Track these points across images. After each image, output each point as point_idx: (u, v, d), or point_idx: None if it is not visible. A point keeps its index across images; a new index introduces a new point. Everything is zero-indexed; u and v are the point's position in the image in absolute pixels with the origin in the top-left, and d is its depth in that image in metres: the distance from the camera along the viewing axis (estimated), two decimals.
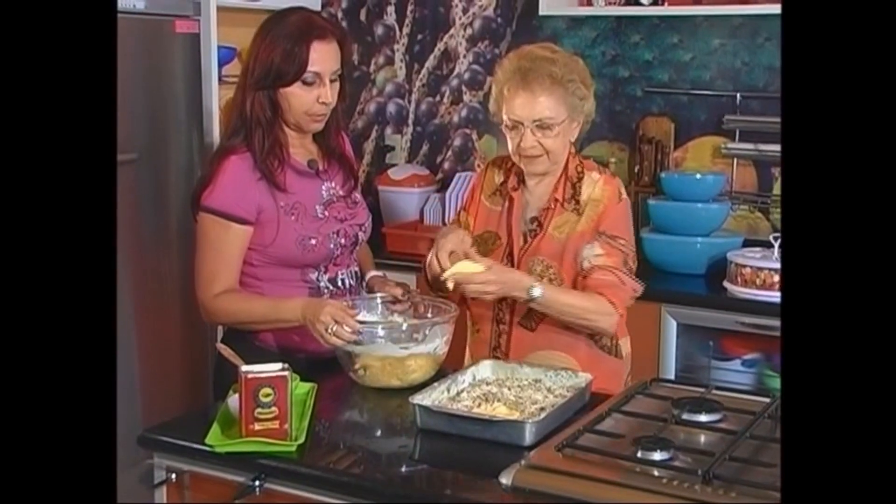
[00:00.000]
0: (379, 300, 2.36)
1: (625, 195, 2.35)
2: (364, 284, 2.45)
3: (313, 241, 2.28)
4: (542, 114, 2.23)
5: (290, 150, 2.32)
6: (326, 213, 2.33)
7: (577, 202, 2.31)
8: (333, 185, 2.38)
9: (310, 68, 2.23)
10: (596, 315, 2.26)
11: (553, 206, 2.33)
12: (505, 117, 2.29)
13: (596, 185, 2.33)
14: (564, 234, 2.30)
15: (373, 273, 2.47)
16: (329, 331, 2.10)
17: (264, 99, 2.26)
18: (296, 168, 2.31)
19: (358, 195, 2.44)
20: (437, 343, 2.19)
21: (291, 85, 2.24)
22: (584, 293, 2.27)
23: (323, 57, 2.25)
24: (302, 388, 2.07)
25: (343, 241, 2.34)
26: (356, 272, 2.43)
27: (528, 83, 2.24)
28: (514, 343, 2.34)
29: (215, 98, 3.43)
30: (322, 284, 2.33)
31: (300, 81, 2.24)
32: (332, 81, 2.27)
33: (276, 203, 2.26)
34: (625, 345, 2.41)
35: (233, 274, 2.27)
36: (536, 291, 2.20)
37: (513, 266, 2.32)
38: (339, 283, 2.36)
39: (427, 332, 2.21)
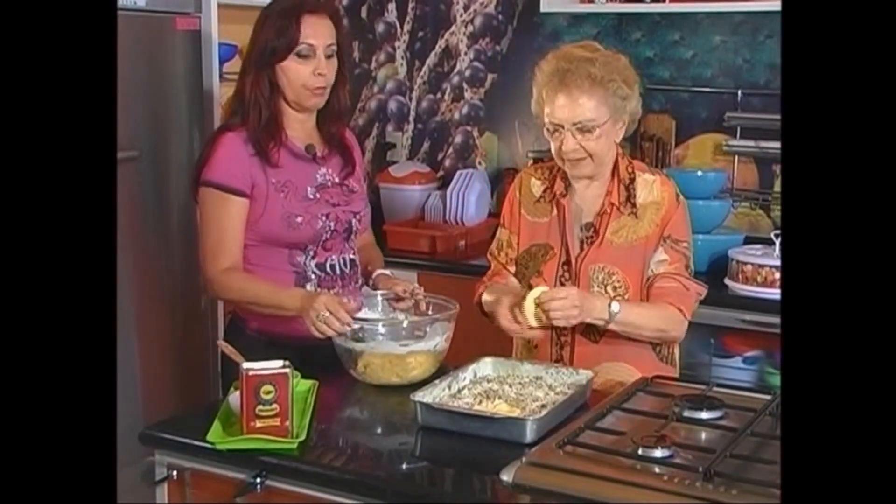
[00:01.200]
0: (380, 297, 2.36)
1: (682, 196, 2.31)
2: (370, 282, 2.45)
3: (299, 220, 2.29)
4: (582, 116, 2.16)
5: (290, 133, 2.35)
6: (318, 196, 2.34)
7: (634, 205, 2.25)
8: (329, 171, 2.39)
9: (302, 40, 2.27)
10: (669, 325, 2.24)
11: (609, 211, 2.26)
12: (546, 120, 2.22)
13: (653, 188, 2.27)
14: (623, 239, 2.25)
15: (380, 271, 2.46)
16: (319, 318, 2.09)
17: (263, 78, 2.30)
18: (292, 150, 2.34)
19: (356, 185, 2.44)
20: (438, 340, 2.19)
21: (286, 59, 2.28)
22: (655, 305, 2.23)
23: (315, 30, 2.29)
24: (303, 386, 2.07)
25: (333, 224, 2.34)
26: (351, 259, 2.42)
27: (567, 85, 2.16)
28: (578, 356, 2.27)
29: (216, 95, 3.43)
30: (310, 270, 2.34)
31: (295, 55, 2.28)
32: (327, 57, 2.31)
33: (268, 179, 2.28)
34: (676, 352, 2.38)
35: (236, 247, 2.28)
36: (616, 307, 2.15)
37: (571, 275, 2.27)
38: (329, 269, 2.36)
39: (427, 329, 2.21)
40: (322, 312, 2.09)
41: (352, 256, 2.43)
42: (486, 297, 2.34)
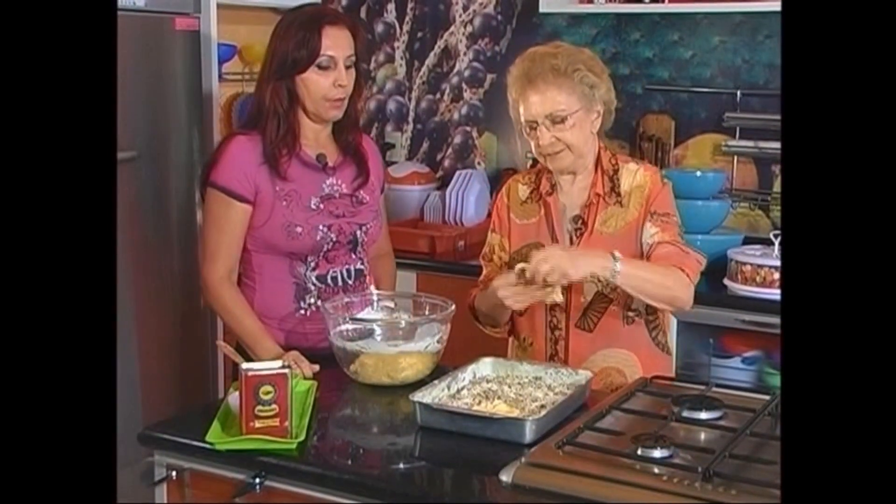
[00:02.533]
0: (375, 296, 2.37)
1: (667, 180, 2.31)
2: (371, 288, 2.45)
3: (299, 230, 2.29)
4: (552, 108, 2.20)
5: (303, 142, 2.35)
6: (322, 207, 2.33)
7: (619, 194, 2.27)
8: (338, 181, 2.38)
9: (324, 52, 2.28)
10: (675, 284, 2.18)
11: (596, 202, 2.28)
12: (522, 121, 2.25)
13: (636, 174, 2.29)
14: (613, 228, 2.27)
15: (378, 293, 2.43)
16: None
17: (282, 88, 2.30)
18: (302, 159, 2.34)
19: (367, 196, 2.42)
20: (429, 341, 2.18)
21: (307, 70, 2.28)
22: (658, 265, 2.20)
23: (336, 42, 2.30)
24: (302, 386, 2.08)
25: (335, 236, 2.34)
26: (357, 270, 2.41)
27: (533, 81, 2.21)
28: (573, 347, 2.29)
29: (215, 95, 3.43)
30: (310, 282, 2.34)
31: (315, 66, 2.28)
32: (347, 68, 2.32)
33: (273, 187, 2.29)
34: (672, 341, 2.37)
35: (233, 252, 2.31)
36: (618, 254, 2.11)
37: None
38: (330, 281, 2.36)
39: (419, 329, 2.21)
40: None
41: (358, 267, 2.42)
42: (478, 301, 2.36)
